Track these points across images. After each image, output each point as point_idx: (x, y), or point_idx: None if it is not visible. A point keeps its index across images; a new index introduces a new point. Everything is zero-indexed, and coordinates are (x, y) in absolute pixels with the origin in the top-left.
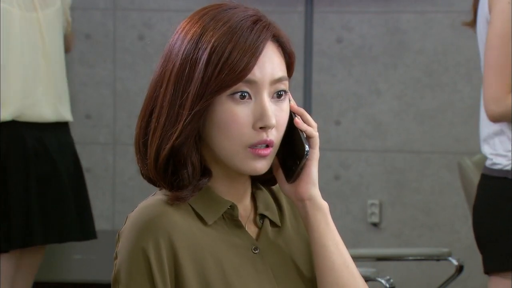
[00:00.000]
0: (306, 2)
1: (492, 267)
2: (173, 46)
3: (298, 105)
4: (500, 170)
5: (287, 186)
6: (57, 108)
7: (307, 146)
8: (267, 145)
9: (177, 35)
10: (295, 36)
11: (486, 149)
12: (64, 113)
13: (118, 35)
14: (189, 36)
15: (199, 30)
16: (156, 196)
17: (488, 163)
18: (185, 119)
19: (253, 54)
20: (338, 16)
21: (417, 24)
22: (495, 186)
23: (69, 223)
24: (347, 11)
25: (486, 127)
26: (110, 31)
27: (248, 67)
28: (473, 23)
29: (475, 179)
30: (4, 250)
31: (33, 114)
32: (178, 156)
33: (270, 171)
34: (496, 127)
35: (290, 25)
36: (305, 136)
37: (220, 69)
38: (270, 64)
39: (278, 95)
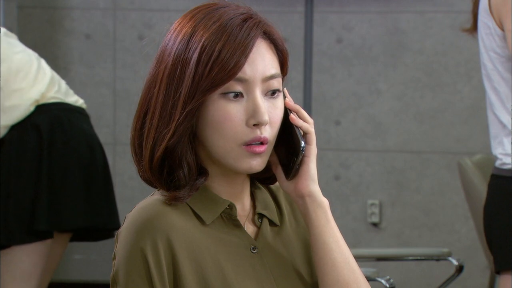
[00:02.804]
0: (306, 2)
1: (503, 265)
2: (166, 47)
3: (295, 104)
4: (509, 170)
5: (286, 184)
6: None
7: (303, 142)
8: (262, 142)
9: (169, 35)
10: (295, 36)
11: (495, 149)
12: None
13: (118, 35)
14: (180, 36)
15: (189, 30)
16: (154, 196)
17: (497, 163)
18: (178, 119)
19: (243, 52)
20: (338, 16)
21: (417, 24)
22: (504, 185)
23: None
24: (347, 11)
25: (496, 128)
26: (110, 31)
27: (238, 64)
28: (472, 29)
29: (475, 179)
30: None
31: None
32: (173, 156)
33: (268, 169)
34: (505, 128)
35: (290, 25)
36: (301, 132)
37: (211, 67)
38: (261, 61)
39: (272, 92)
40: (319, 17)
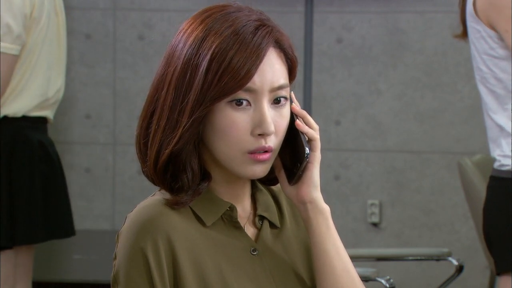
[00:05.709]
0: (306, 2)
1: (505, 267)
2: (175, 48)
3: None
4: (508, 171)
5: (289, 188)
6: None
7: (307, 149)
8: (266, 150)
9: (179, 36)
10: (295, 36)
11: (494, 151)
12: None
13: (118, 35)
14: (191, 39)
15: (201, 34)
16: (155, 197)
17: (496, 164)
18: (184, 126)
19: (254, 62)
20: (338, 16)
21: (417, 24)
22: (503, 187)
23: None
24: (347, 11)
25: (493, 130)
26: (110, 31)
27: (248, 75)
28: (463, 35)
29: (475, 179)
30: (7, 246)
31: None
32: (178, 161)
33: (272, 171)
34: (503, 130)
35: (290, 25)
36: (306, 138)
37: (220, 76)
38: (270, 72)
39: (278, 101)
40: (319, 17)
